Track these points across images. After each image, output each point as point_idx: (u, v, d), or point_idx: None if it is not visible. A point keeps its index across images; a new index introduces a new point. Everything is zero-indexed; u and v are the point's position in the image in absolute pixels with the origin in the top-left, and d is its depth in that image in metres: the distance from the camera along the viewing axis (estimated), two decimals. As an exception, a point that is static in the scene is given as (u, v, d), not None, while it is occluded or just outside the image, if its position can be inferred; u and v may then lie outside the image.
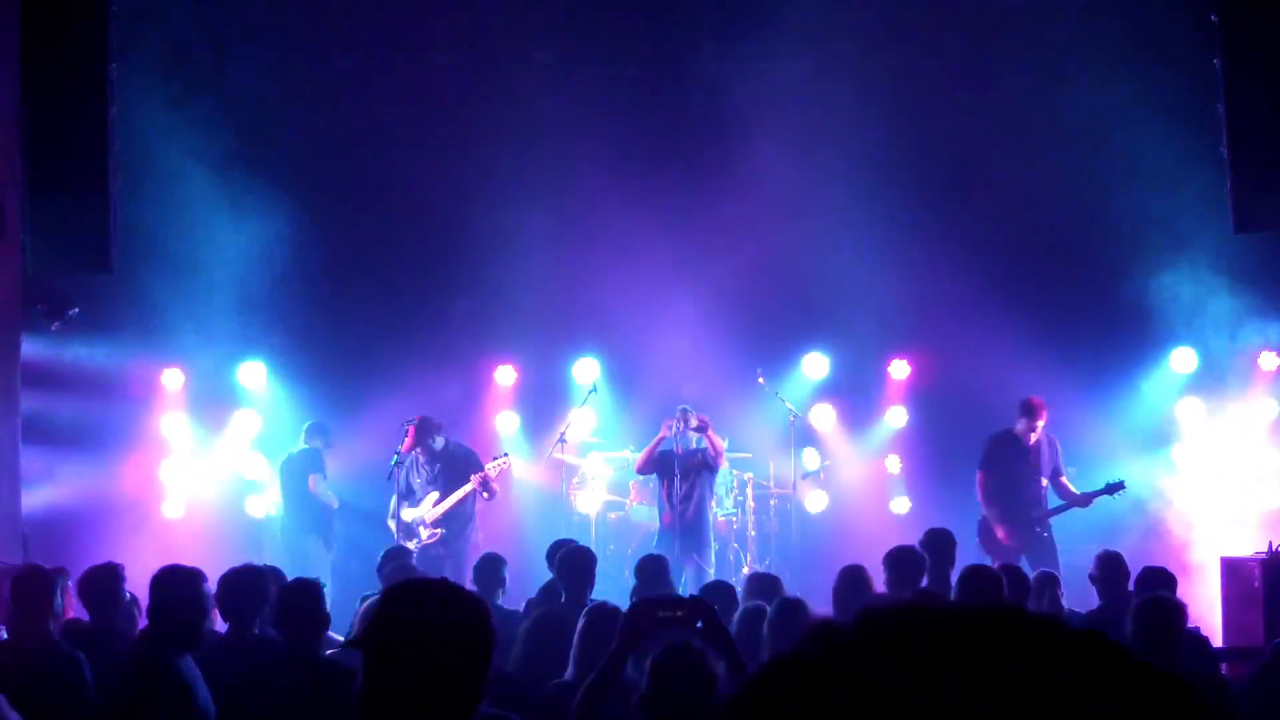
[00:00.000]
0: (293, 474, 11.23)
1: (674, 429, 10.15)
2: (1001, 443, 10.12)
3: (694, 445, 10.16)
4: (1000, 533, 9.87)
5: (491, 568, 7.32)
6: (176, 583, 4.94)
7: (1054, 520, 10.36)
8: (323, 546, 11.00)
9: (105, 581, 6.08)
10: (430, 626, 2.36)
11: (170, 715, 4.55)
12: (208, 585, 5.10)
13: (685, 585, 9.33)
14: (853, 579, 6.76)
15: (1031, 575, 7.61)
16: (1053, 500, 10.30)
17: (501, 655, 5.18)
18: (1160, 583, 6.71)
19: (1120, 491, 9.87)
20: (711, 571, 9.81)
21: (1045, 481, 10.04)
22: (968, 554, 8.25)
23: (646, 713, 3.76)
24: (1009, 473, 10.01)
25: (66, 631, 6.04)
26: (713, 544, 10.18)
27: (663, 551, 9.14)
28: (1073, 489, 10.04)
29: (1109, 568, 7.28)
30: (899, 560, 6.96)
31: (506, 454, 10.60)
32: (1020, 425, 10.06)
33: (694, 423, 10.12)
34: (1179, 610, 5.31)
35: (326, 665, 5.15)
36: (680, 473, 10.04)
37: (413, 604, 2.44)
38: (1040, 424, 10.01)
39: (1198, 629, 7.13)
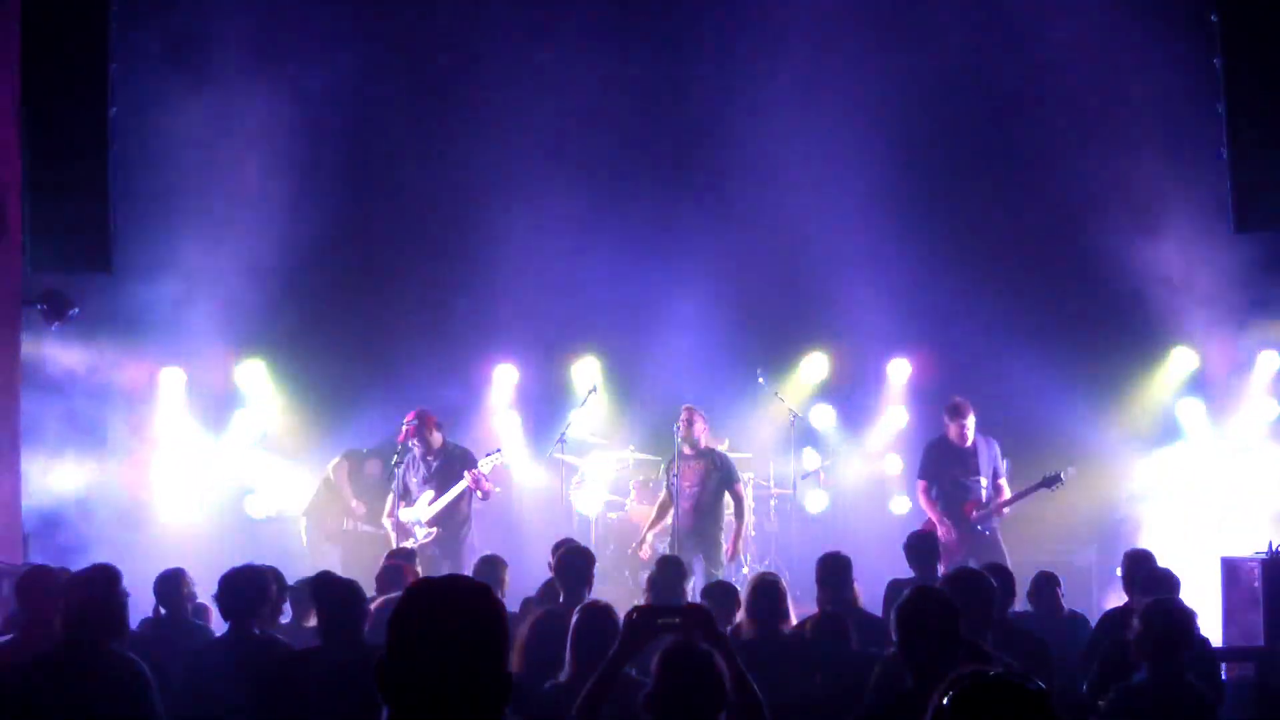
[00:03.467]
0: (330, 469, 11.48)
1: (678, 430, 10.18)
2: (938, 449, 10.11)
3: (701, 446, 10.16)
4: (941, 532, 9.77)
5: (491, 569, 7.32)
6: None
7: (1054, 522, 10.38)
8: (327, 543, 11.06)
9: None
10: (458, 621, 2.39)
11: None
12: (121, 588, 5.14)
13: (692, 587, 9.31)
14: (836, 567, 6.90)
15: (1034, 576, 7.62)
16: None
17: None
18: (1164, 585, 6.68)
19: (1059, 485, 9.83)
20: (719, 572, 9.82)
21: (985, 481, 10.00)
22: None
23: (652, 712, 3.78)
24: (949, 477, 9.98)
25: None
26: (722, 543, 10.18)
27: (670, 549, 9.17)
28: (1008, 490, 10.03)
29: (1135, 566, 7.19)
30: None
31: (500, 449, 10.59)
32: (951, 429, 10.02)
33: (698, 423, 10.14)
34: (1187, 617, 5.25)
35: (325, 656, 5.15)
36: (684, 473, 10.06)
37: (437, 600, 2.46)
38: (969, 423, 9.95)
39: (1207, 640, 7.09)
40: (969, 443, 9.97)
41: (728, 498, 10.17)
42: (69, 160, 8.90)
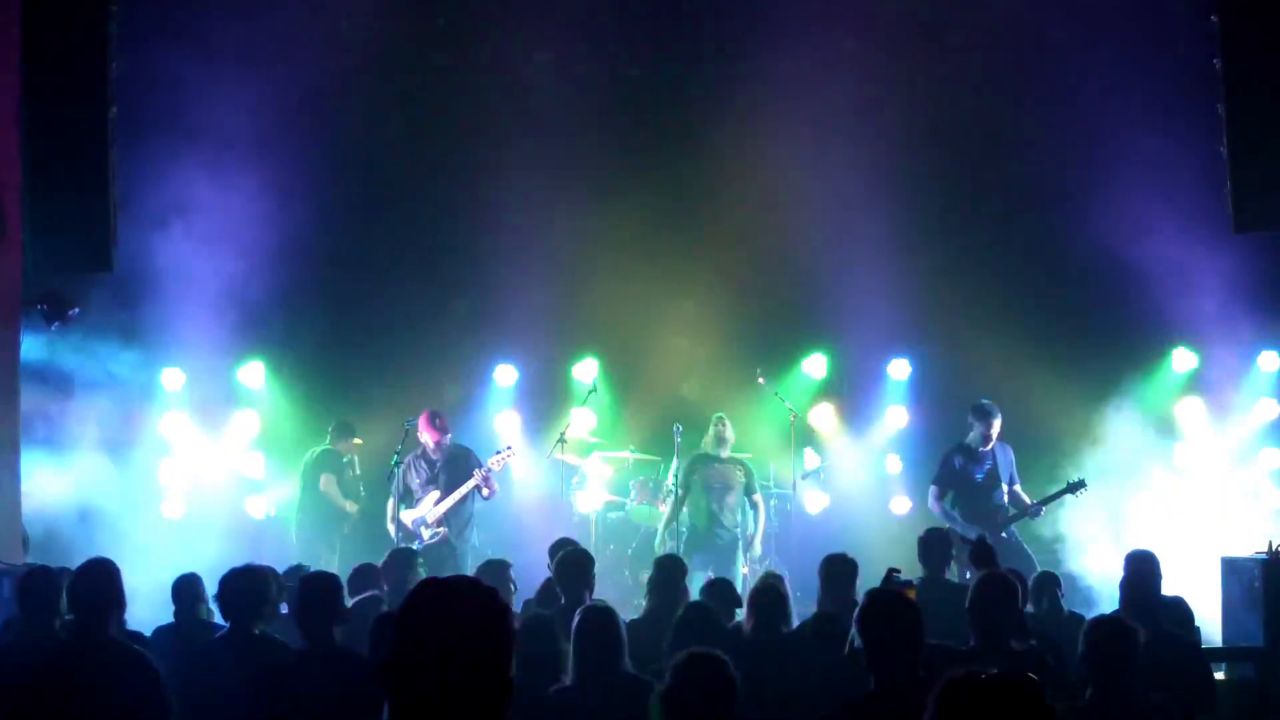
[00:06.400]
0: (307, 472, 11.28)
1: (710, 432, 10.40)
2: (957, 455, 10.02)
3: (724, 456, 10.35)
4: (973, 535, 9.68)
5: (496, 572, 7.31)
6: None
7: (1053, 522, 10.38)
8: (325, 548, 11.00)
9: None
10: (464, 623, 2.39)
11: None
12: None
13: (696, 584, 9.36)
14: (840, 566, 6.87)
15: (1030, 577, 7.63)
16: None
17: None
18: (1146, 564, 6.74)
19: (1082, 490, 9.79)
20: (744, 570, 10.00)
21: (1005, 488, 9.95)
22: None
23: (667, 712, 3.83)
24: (970, 485, 9.90)
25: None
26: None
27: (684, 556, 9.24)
28: (1025, 498, 10.00)
29: (1136, 567, 7.16)
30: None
31: (510, 446, 10.60)
32: (973, 434, 9.96)
33: (728, 433, 10.33)
34: (1130, 634, 5.13)
35: (341, 656, 5.16)
36: (718, 476, 10.23)
37: (442, 603, 2.45)
38: (996, 427, 9.88)
39: (1180, 599, 7.07)
40: (989, 446, 9.91)
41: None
42: (69, 160, 8.88)
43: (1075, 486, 9.77)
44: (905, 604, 4.42)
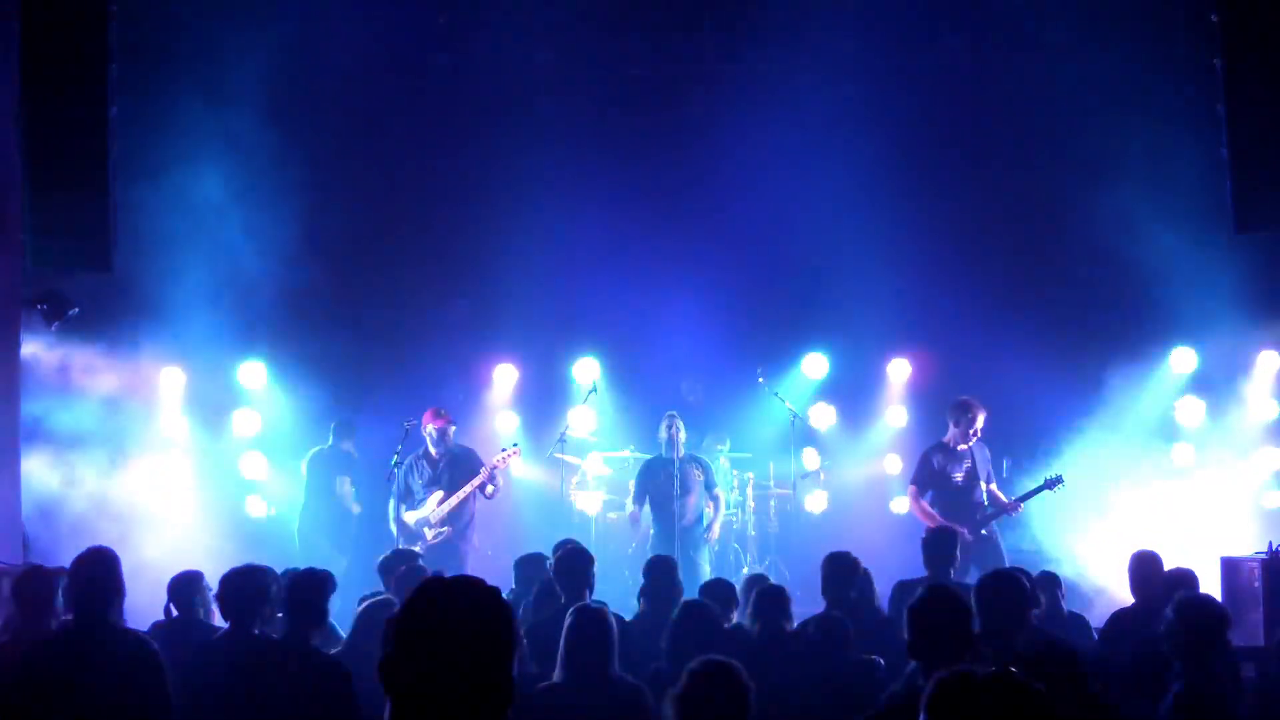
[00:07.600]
0: (319, 473, 11.25)
1: (663, 433, 10.30)
2: (935, 454, 9.94)
3: (683, 453, 10.28)
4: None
5: (537, 566, 7.28)
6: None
7: (1051, 522, 10.38)
8: (335, 550, 11.00)
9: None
10: (466, 622, 2.40)
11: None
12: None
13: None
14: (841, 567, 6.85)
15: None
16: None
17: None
18: (1185, 583, 6.70)
19: (1059, 486, 9.78)
20: (708, 569, 9.90)
21: (984, 485, 9.93)
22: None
23: (680, 718, 3.85)
24: (948, 484, 9.84)
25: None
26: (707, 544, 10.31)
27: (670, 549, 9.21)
28: (1001, 496, 9.98)
29: (1142, 567, 7.16)
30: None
31: (516, 444, 10.61)
32: (952, 431, 9.87)
33: (680, 433, 10.24)
34: (1223, 616, 5.18)
35: (320, 659, 5.18)
36: (682, 476, 10.15)
37: (445, 602, 2.46)
38: (980, 421, 9.79)
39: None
40: (971, 443, 9.86)
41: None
42: (69, 160, 8.88)
43: (1053, 483, 9.78)
44: (960, 600, 4.40)
